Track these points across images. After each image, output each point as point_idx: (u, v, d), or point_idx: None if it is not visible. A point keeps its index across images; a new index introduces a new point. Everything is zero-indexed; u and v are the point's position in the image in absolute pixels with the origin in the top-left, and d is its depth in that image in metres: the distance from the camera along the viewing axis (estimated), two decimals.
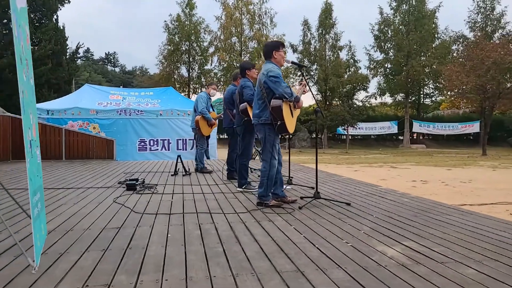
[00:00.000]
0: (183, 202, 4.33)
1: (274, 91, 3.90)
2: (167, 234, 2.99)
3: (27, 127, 1.64)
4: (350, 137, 30.58)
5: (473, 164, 15.88)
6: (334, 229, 3.17)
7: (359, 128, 30.47)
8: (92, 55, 67.06)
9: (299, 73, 31.52)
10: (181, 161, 7.10)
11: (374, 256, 2.47)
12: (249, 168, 6.02)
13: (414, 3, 31.86)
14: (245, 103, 4.87)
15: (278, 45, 4.14)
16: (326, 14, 32.09)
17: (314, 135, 34.16)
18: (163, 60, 33.49)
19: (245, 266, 2.29)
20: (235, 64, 29.00)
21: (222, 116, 7.71)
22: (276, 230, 3.11)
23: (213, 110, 7.92)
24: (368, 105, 33.84)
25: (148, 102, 14.89)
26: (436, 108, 43.41)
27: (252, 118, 4.23)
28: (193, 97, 31.74)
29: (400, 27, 32.24)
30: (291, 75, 31.04)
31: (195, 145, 7.67)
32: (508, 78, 22.65)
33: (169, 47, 32.88)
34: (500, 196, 7.44)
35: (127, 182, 5.35)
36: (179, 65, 33.90)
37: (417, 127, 33.80)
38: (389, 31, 32.56)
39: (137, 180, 5.56)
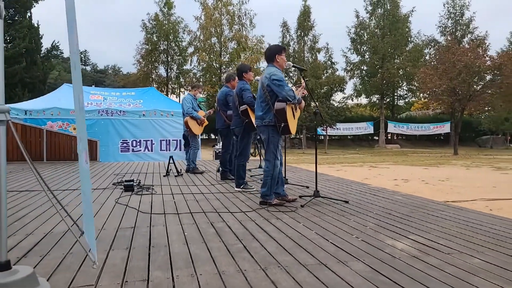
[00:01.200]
0: (186, 202, 4.41)
1: (278, 94, 4.04)
2: (184, 232, 3.08)
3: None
4: (328, 138, 31.14)
5: (446, 163, 16.52)
6: (341, 225, 3.34)
7: (336, 128, 31.06)
8: (62, 53, 65.09)
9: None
10: (173, 162, 7.14)
11: (386, 249, 2.65)
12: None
13: (388, 8, 32.78)
14: (245, 105, 5.00)
15: (281, 49, 4.29)
16: (305, 16, 32.57)
17: (292, 136, 34.53)
18: (140, 60, 33.13)
19: (270, 260, 2.42)
20: (215, 64, 29.03)
21: (211, 113, 7.80)
22: (287, 228, 3.26)
23: (201, 109, 8.00)
24: (346, 106, 34.55)
25: (130, 103, 14.77)
26: (407, 109, 44.75)
27: (255, 120, 4.36)
28: (172, 97, 31.52)
29: (376, 30, 33.09)
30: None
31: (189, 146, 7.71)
32: (476, 81, 23.67)
33: (147, 47, 32.55)
34: (478, 193, 7.84)
35: (125, 183, 5.37)
36: (157, 65, 33.61)
37: (392, 127, 34.78)
38: (365, 34, 33.37)
39: (133, 181, 5.59)
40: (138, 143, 13.91)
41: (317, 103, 4.65)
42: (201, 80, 30.50)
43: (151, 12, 34.36)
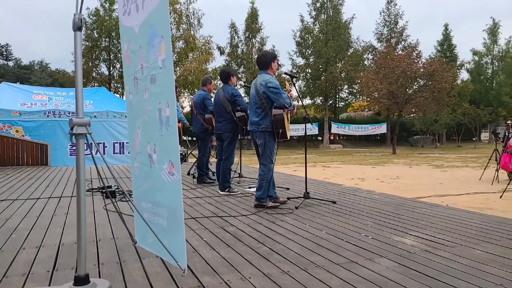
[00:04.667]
0: None
1: (275, 102, 4.20)
2: (202, 238, 3.13)
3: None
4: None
5: (389, 162, 17.68)
6: (344, 225, 3.58)
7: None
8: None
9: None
10: None
11: (399, 245, 2.91)
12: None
13: (331, 14, 34.19)
14: (242, 112, 5.09)
15: (275, 56, 4.46)
16: (253, 18, 32.95)
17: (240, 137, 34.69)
18: None
19: (304, 261, 2.57)
20: None
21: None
22: (297, 229, 3.42)
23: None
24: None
25: None
26: (345, 110, 46.95)
27: (249, 125, 4.47)
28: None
29: (320, 35, 34.36)
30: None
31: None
32: (411, 85, 25.53)
33: (87, 43, 30.96)
34: (429, 189, 8.57)
35: (107, 189, 5.19)
36: (98, 63, 32.08)
37: (335, 128, 36.31)
38: (310, 38, 34.51)
39: (111, 186, 5.45)
40: (90, 146, 13.26)
41: (305, 108, 4.86)
42: None
43: (90, 6, 32.73)
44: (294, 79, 4.66)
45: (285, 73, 4.59)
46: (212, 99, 6.09)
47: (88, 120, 1.71)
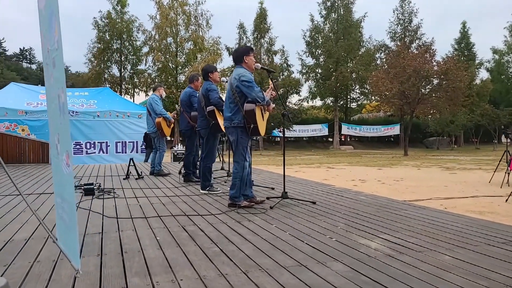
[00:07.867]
0: (152, 206, 4.28)
1: (248, 95, 4.03)
2: (156, 237, 2.98)
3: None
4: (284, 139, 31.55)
5: (398, 164, 17.26)
6: (313, 226, 3.38)
7: (293, 130, 31.53)
8: (5, 50, 60.91)
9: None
10: (134, 164, 6.91)
11: (361, 249, 2.71)
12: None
13: (342, 13, 33.81)
14: (212, 106, 4.94)
15: (248, 50, 4.28)
16: (261, 18, 32.86)
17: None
18: (92, 59, 31.82)
19: (250, 263, 2.40)
20: (170, 65, 28.48)
21: (174, 116, 7.61)
22: (260, 230, 3.24)
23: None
24: (301, 108, 35.21)
25: (83, 103, 14.13)
26: (359, 111, 46.33)
27: (223, 121, 4.31)
28: (126, 98, 30.50)
29: (330, 34, 34.01)
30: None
31: (156, 148, 7.48)
32: (424, 85, 24.96)
33: (99, 45, 31.33)
34: (431, 192, 8.25)
35: (85, 186, 5.12)
36: (110, 64, 32.44)
37: (345, 129, 35.88)
38: (320, 38, 34.19)
39: (93, 184, 5.35)
40: (92, 145, 13.36)
41: (285, 104, 4.67)
42: (156, 80, 29.87)
43: (103, 9, 33.12)
44: (271, 74, 4.48)
45: (262, 68, 4.41)
46: None
47: None
